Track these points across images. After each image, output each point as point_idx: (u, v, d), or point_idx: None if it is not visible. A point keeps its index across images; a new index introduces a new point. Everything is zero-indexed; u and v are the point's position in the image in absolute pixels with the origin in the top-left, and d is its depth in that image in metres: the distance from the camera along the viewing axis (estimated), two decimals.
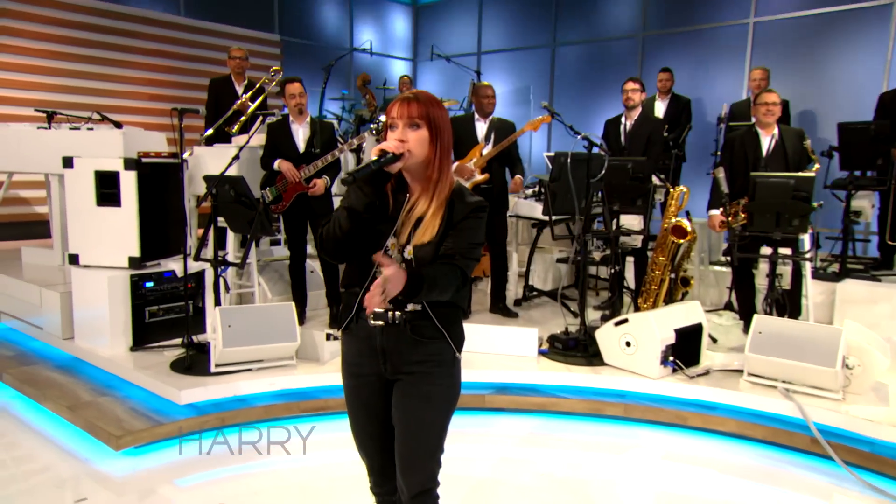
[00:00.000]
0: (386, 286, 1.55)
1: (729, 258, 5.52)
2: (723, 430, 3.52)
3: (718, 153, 6.02)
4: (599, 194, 4.38)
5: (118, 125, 4.97)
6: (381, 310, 1.77)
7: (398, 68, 10.58)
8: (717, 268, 5.90)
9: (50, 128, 5.04)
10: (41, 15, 6.67)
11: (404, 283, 1.58)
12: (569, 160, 3.94)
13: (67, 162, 4.13)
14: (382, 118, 5.39)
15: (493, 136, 4.83)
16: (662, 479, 3.20)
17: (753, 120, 6.40)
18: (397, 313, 1.77)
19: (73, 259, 4.20)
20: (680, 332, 3.76)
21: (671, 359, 3.73)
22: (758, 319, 3.61)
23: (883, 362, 3.50)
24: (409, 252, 1.76)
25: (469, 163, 4.79)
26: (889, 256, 5.67)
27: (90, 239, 4.18)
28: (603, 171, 3.94)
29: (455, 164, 4.79)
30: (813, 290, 4.69)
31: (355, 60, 9.91)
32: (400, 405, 1.84)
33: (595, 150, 3.97)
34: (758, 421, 3.47)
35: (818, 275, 5.05)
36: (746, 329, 4.70)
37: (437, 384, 1.82)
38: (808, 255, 4.33)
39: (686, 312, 3.90)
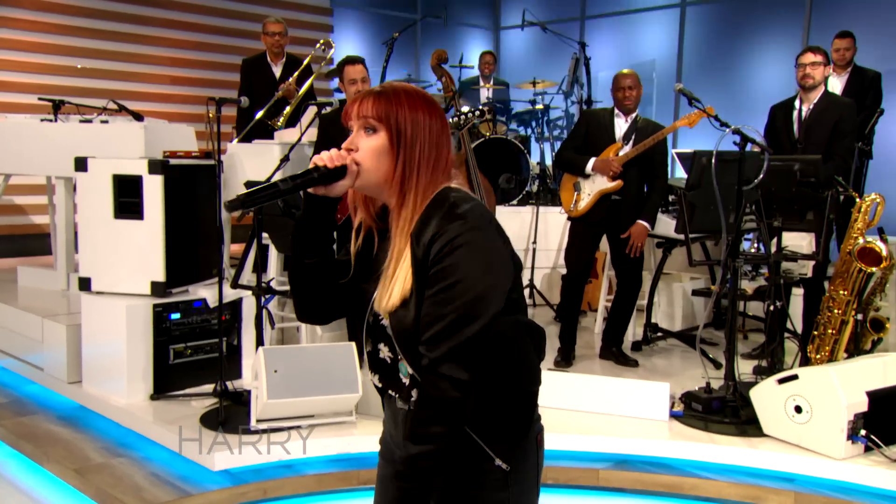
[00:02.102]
0: None
1: None
2: None
3: None
4: (753, 206, 4.28)
5: (138, 117, 5.24)
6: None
7: (476, 40, 10.71)
8: None
9: (56, 120, 5.35)
10: None
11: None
12: (713, 161, 3.86)
13: (81, 164, 4.35)
14: (465, 108, 5.44)
15: (633, 137, 4.83)
16: None
17: None
18: (412, 399, 1.63)
19: (85, 284, 4.39)
20: (875, 397, 3.60)
21: (863, 433, 3.56)
22: None
23: None
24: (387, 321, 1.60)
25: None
26: None
27: (106, 259, 4.35)
28: (762, 176, 3.85)
29: (592, 161, 4.82)
30: None
31: (424, 32, 10.08)
32: None
33: (749, 146, 3.88)
34: None
35: None
36: None
37: None
38: None
39: (884, 369, 3.74)
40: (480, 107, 5.09)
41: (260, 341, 4.06)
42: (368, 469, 3.70)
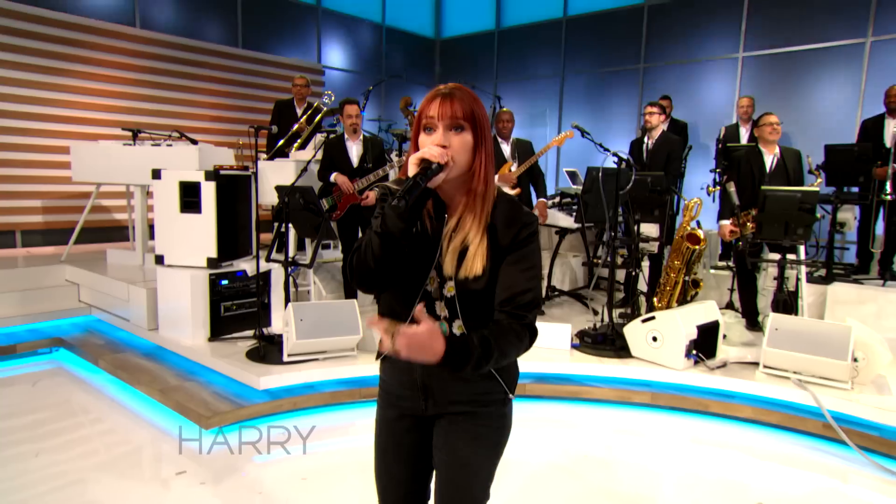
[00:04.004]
0: (407, 348, 1.12)
1: (728, 263, 5.46)
2: (741, 416, 3.44)
3: (718, 171, 5.96)
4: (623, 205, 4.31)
5: (194, 142, 4.95)
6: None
7: (422, 94, 10.56)
8: (715, 271, 5.84)
9: (134, 144, 5.01)
10: (126, 48, 6.69)
11: (441, 355, 1.15)
12: (601, 174, 3.88)
13: (156, 174, 4.09)
14: None
15: (517, 154, 4.79)
16: (688, 460, 3.12)
17: (745, 140, 6.44)
18: None
19: (159, 259, 4.15)
20: (701, 328, 3.69)
21: (694, 352, 3.65)
22: (774, 317, 3.53)
23: (886, 356, 3.43)
24: (449, 289, 1.31)
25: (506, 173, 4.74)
26: (866, 262, 5.63)
27: (174, 242, 4.13)
28: (630, 184, 3.89)
29: (496, 177, 4.70)
30: (806, 292, 4.62)
31: (387, 86, 9.89)
32: (442, 445, 1.41)
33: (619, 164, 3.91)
34: (773, 408, 3.40)
35: (810, 279, 4.98)
36: (748, 326, 4.65)
37: (484, 425, 1.39)
38: (814, 261, 4.26)
39: (705, 311, 3.82)
40: None
41: (288, 299, 3.90)
42: (367, 388, 3.61)
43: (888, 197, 5.15)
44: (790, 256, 4.08)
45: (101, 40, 6.48)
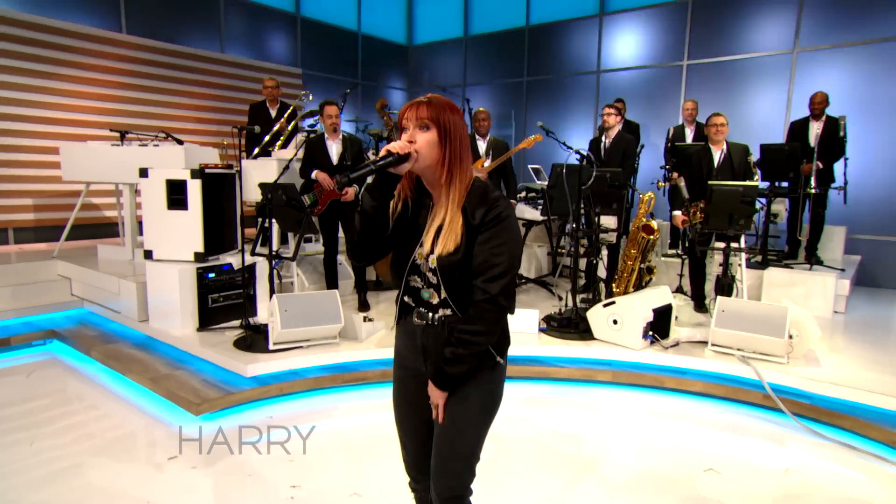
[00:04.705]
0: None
1: (678, 251, 5.50)
2: (692, 390, 3.46)
3: (667, 167, 5.99)
4: (584, 199, 4.26)
5: (180, 142, 4.72)
6: (424, 310, 1.49)
7: (396, 97, 10.38)
8: (665, 259, 5.88)
9: (122, 144, 4.77)
10: (113, 53, 6.37)
11: (440, 389, 1.43)
12: (564, 170, 3.83)
13: (143, 172, 3.88)
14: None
15: (491, 152, 4.71)
16: (646, 431, 3.12)
17: (690, 139, 6.49)
18: (437, 315, 1.45)
19: (148, 254, 3.96)
20: (657, 311, 3.68)
21: (650, 333, 3.64)
22: (720, 300, 3.55)
23: (815, 333, 3.49)
24: (431, 261, 1.41)
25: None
26: (795, 249, 5.76)
27: (162, 237, 3.94)
28: (592, 180, 3.85)
29: None
30: (746, 276, 4.69)
31: (363, 89, 9.69)
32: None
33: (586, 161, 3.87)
34: (720, 382, 3.42)
35: (748, 264, 5.06)
36: (696, 308, 4.69)
37: (473, 387, 1.46)
38: (752, 248, 4.31)
39: (659, 295, 3.82)
40: None
41: (272, 290, 3.76)
42: (349, 372, 3.52)
43: (813, 191, 5.28)
44: (734, 245, 4.11)
45: (89, 45, 6.16)
